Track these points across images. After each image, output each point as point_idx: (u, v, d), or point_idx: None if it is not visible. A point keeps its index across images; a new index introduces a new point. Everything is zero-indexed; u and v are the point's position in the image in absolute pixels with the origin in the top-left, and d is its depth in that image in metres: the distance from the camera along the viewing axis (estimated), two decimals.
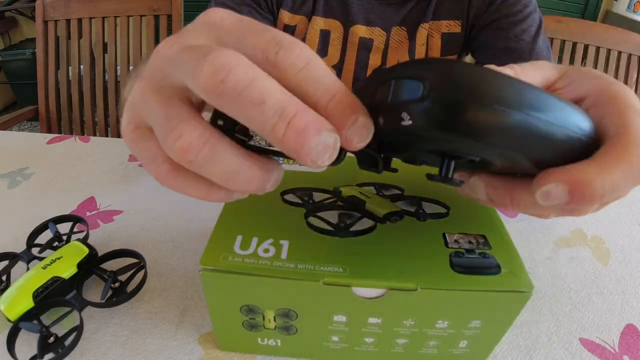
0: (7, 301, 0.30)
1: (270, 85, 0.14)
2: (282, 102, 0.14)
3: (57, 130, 1.04)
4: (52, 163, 0.53)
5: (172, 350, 0.30)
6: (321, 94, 0.15)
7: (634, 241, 0.44)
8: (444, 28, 0.58)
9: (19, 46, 2.19)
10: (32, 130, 2.13)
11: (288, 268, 0.23)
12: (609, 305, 0.36)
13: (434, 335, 0.26)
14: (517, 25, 0.53)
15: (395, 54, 0.61)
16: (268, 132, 0.14)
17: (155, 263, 0.37)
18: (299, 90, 0.15)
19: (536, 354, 0.31)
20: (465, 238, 0.26)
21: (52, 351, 0.29)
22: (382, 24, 0.59)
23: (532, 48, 0.53)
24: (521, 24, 0.53)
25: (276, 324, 0.27)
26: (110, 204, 0.45)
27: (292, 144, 0.14)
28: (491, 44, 0.56)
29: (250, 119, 0.14)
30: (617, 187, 0.16)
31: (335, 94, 0.15)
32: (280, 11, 0.60)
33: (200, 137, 0.15)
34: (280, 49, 0.15)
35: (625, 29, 0.98)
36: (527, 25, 0.53)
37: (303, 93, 0.15)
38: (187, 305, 0.34)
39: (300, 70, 0.15)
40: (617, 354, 0.32)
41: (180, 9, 0.97)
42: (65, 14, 0.97)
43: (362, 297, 0.24)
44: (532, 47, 0.53)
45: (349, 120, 0.15)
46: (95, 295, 0.34)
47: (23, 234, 0.38)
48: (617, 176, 0.16)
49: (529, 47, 0.53)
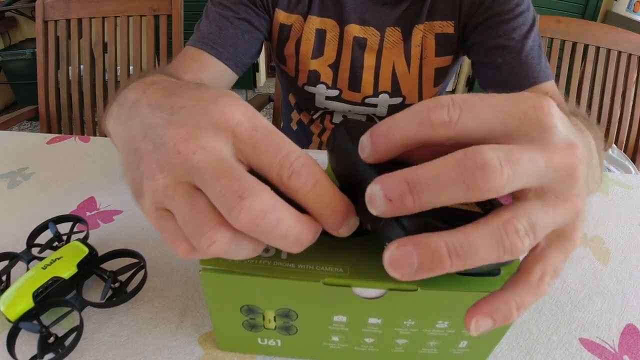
0: (7, 301, 0.30)
1: (290, 222, 0.18)
2: (299, 234, 0.18)
3: (57, 130, 1.04)
4: (52, 163, 0.53)
5: (172, 350, 0.30)
6: (324, 209, 0.19)
7: (634, 241, 0.44)
8: (437, 29, 0.58)
9: (19, 46, 2.20)
10: (32, 130, 2.13)
11: (288, 268, 0.23)
12: (609, 305, 0.36)
13: (434, 336, 0.26)
14: (507, 24, 0.54)
15: (390, 55, 0.61)
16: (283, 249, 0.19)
17: (155, 263, 0.37)
18: (306, 205, 0.19)
19: (536, 354, 0.31)
20: None
21: (52, 351, 0.29)
22: (376, 24, 0.59)
23: (522, 46, 0.53)
24: (512, 22, 0.53)
25: (276, 324, 0.27)
26: (110, 204, 0.45)
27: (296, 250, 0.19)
28: (483, 43, 0.56)
29: (273, 244, 0.18)
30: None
31: (335, 207, 0.19)
32: (276, 10, 0.60)
33: (229, 241, 0.18)
34: (292, 173, 0.18)
35: (625, 29, 0.98)
36: (518, 24, 0.53)
37: (310, 207, 0.19)
38: (187, 305, 0.34)
39: (308, 192, 0.18)
40: (617, 354, 0.32)
41: (180, 9, 0.97)
42: (65, 14, 0.97)
43: (362, 297, 0.24)
44: (523, 45, 0.53)
45: (344, 224, 0.19)
46: (95, 295, 0.34)
47: (23, 234, 0.38)
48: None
49: (519, 45, 0.53)
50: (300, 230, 0.18)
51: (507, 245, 0.16)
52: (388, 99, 0.64)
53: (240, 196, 0.17)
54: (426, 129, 0.17)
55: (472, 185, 0.15)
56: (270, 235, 0.17)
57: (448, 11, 0.57)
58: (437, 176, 0.15)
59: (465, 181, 0.15)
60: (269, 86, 2.66)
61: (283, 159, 0.18)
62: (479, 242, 0.16)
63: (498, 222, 0.16)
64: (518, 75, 0.53)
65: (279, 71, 0.72)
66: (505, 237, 0.16)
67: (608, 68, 0.99)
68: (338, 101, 0.66)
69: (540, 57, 0.54)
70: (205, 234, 0.17)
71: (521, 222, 0.16)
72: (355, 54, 0.61)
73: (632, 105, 1.01)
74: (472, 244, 0.16)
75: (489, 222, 0.16)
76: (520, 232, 0.16)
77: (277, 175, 0.18)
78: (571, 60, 0.98)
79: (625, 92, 1.00)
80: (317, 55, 0.61)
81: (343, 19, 0.59)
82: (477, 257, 0.16)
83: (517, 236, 0.16)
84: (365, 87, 0.63)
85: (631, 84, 0.99)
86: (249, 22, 0.57)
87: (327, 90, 0.65)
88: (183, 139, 0.19)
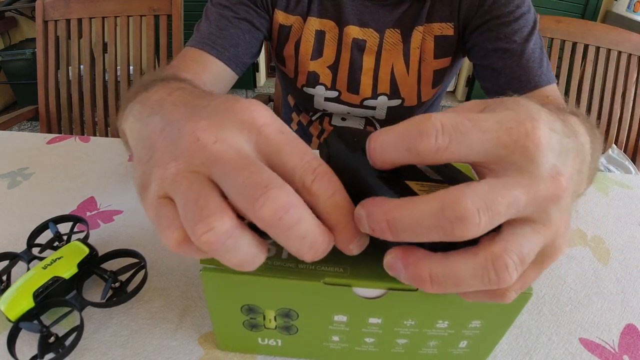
0: (7, 301, 0.30)
1: (310, 223, 0.17)
2: (316, 239, 0.17)
3: (57, 130, 1.04)
4: (52, 163, 0.53)
5: (172, 350, 0.30)
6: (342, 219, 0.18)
7: (634, 241, 0.44)
8: (436, 31, 0.58)
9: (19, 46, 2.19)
10: (32, 130, 2.13)
11: (289, 268, 0.23)
12: (609, 305, 0.36)
13: (434, 336, 0.26)
14: (508, 26, 0.53)
15: (389, 57, 0.61)
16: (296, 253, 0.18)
17: (155, 263, 0.37)
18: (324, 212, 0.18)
19: (536, 354, 0.31)
20: None
21: (53, 351, 0.29)
22: (376, 26, 0.59)
23: (523, 49, 0.52)
24: (512, 25, 0.53)
25: (277, 324, 0.27)
26: (110, 204, 0.45)
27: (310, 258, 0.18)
28: (483, 45, 0.55)
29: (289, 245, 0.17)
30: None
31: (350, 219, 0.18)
32: (275, 11, 0.60)
33: (226, 232, 0.17)
34: (316, 178, 0.18)
35: (625, 29, 0.98)
36: (519, 26, 0.53)
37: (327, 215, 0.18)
38: (187, 305, 0.34)
39: (328, 199, 0.18)
40: (617, 353, 0.32)
41: (180, 9, 0.97)
42: (65, 14, 0.97)
43: (362, 297, 0.24)
44: (524, 48, 0.52)
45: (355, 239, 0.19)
46: (95, 295, 0.34)
47: (23, 234, 0.38)
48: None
49: (520, 48, 0.52)
50: (318, 235, 0.18)
51: (494, 279, 0.16)
52: (387, 101, 0.64)
53: (266, 187, 0.16)
54: (414, 157, 0.17)
55: (449, 233, 0.16)
56: (289, 233, 0.17)
57: (447, 13, 0.57)
58: (416, 221, 0.16)
59: (443, 228, 0.16)
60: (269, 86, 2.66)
61: (308, 163, 0.18)
62: (464, 274, 0.16)
63: (488, 256, 0.16)
64: (519, 79, 0.53)
65: (278, 72, 0.72)
66: (492, 272, 0.16)
67: (608, 68, 0.99)
68: (337, 103, 0.66)
69: (541, 61, 0.53)
70: (204, 219, 0.16)
71: (512, 258, 0.16)
72: (354, 55, 0.61)
73: (632, 105, 1.01)
74: (456, 275, 0.16)
75: (479, 254, 0.16)
76: (509, 268, 0.16)
77: (300, 178, 0.18)
78: (571, 60, 0.98)
79: (625, 92, 1.00)
80: (316, 56, 0.61)
81: (342, 21, 0.59)
82: (459, 287, 0.17)
83: (507, 271, 0.16)
84: (363, 89, 0.63)
85: (631, 84, 0.99)
86: (249, 22, 0.57)
87: (326, 92, 0.65)
88: (203, 128, 0.18)
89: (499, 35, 0.53)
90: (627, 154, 1.03)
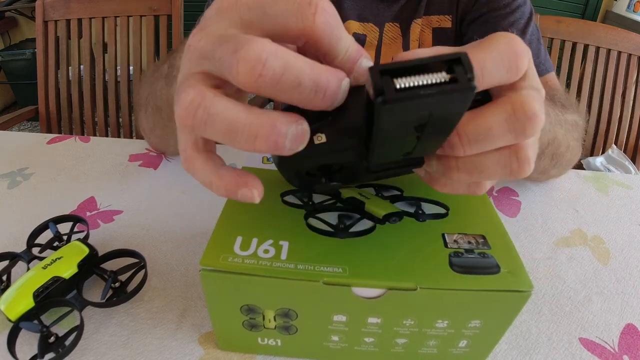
0: (7, 301, 0.30)
1: (301, 65, 0.15)
2: (315, 79, 0.16)
3: (57, 130, 1.04)
4: (52, 163, 0.53)
5: (172, 350, 0.30)
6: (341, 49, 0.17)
7: (634, 241, 0.44)
8: (434, 23, 0.59)
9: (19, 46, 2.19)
10: (32, 130, 2.13)
11: (288, 268, 0.23)
12: (609, 305, 0.36)
13: (434, 335, 0.26)
14: (505, 19, 0.54)
15: (388, 50, 0.61)
16: (308, 105, 0.16)
17: (155, 263, 0.37)
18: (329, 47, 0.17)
19: (536, 354, 0.31)
20: (464, 238, 0.26)
21: (53, 351, 0.29)
22: (375, 20, 0.60)
23: None
24: (509, 17, 0.54)
25: (276, 324, 0.27)
26: (110, 204, 0.45)
27: (327, 105, 0.16)
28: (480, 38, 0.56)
29: (290, 99, 0.16)
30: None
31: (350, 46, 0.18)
32: None
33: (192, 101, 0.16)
34: (316, 12, 0.16)
35: (625, 29, 0.98)
36: (515, 19, 0.54)
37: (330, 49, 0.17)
38: (187, 305, 0.34)
39: (331, 32, 0.17)
40: (617, 353, 0.32)
41: (180, 9, 0.97)
42: (65, 14, 0.97)
43: (361, 297, 0.24)
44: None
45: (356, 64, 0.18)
46: (95, 295, 0.34)
47: (23, 234, 0.38)
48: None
49: None
50: (316, 75, 0.15)
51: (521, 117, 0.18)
52: None
53: (234, 50, 0.15)
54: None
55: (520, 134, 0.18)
56: (279, 87, 0.15)
57: (446, 5, 0.57)
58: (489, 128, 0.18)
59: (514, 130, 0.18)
60: None
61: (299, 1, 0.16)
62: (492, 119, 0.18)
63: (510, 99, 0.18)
64: None
65: None
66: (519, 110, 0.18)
67: (608, 68, 0.99)
68: None
69: (539, 51, 0.54)
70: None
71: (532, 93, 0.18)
72: None
73: (632, 105, 1.01)
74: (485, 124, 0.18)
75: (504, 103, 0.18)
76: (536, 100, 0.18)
77: (298, 19, 0.16)
78: (571, 60, 0.98)
79: (625, 92, 1.00)
80: None
81: (342, 16, 0.59)
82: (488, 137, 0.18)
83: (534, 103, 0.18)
84: None
85: (631, 84, 0.99)
86: None
87: None
88: (193, 35, 0.18)
89: (495, 28, 0.54)
90: (627, 154, 1.03)
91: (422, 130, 0.17)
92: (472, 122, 0.18)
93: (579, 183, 0.54)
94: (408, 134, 0.17)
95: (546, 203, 0.49)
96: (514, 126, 0.17)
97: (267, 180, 0.31)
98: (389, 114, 0.15)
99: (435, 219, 0.28)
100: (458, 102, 0.15)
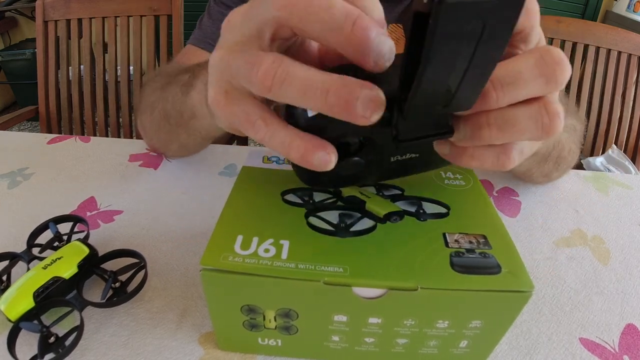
0: (7, 301, 0.30)
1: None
2: (346, 6, 0.16)
3: (57, 130, 1.04)
4: (52, 163, 0.53)
5: (172, 350, 0.30)
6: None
7: (634, 241, 0.44)
8: None
9: (19, 46, 2.20)
10: (32, 130, 2.13)
11: (288, 268, 0.23)
12: (609, 305, 0.36)
13: (434, 335, 0.26)
14: None
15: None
16: (337, 33, 0.16)
17: (155, 263, 0.37)
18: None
19: (536, 354, 0.31)
20: (465, 238, 0.26)
21: (53, 351, 0.29)
22: None
23: None
24: None
25: (276, 324, 0.27)
26: (110, 204, 0.45)
27: (357, 40, 0.16)
28: None
29: (321, 23, 0.16)
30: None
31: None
32: None
33: (274, 62, 0.17)
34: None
35: (625, 29, 0.98)
36: None
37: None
38: (187, 305, 0.34)
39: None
40: (617, 353, 0.32)
41: (180, 9, 0.97)
42: (65, 14, 0.97)
43: (362, 297, 0.24)
44: None
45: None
46: (95, 295, 0.34)
47: (23, 234, 0.38)
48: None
49: None
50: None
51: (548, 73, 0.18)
52: None
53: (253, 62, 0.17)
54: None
55: (552, 80, 0.18)
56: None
57: None
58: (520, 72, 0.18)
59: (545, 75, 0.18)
60: None
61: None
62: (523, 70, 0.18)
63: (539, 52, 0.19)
64: None
65: None
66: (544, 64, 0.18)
67: (608, 68, 0.99)
68: None
69: None
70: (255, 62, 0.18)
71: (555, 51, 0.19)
72: None
73: (632, 105, 1.01)
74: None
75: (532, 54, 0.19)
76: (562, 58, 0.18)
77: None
78: (571, 60, 0.98)
79: (625, 92, 1.00)
80: None
81: None
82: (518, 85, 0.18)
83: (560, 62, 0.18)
84: None
85: (631, 84, 0.99)
86: None
87: None
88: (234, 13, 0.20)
89: None
90: (627, 154, 1.03)
91: (470, 59, 0.16)
92: (504, 67, 0.18)
93: (579, 183, 0.54)
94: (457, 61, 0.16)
95: (546, 203, 0.49)
96: (544, 70, 0.18)
97: (267, 180, 0.31)
98: (446, 18, 0.14)
99: (436, 218, 0.28)
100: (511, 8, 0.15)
